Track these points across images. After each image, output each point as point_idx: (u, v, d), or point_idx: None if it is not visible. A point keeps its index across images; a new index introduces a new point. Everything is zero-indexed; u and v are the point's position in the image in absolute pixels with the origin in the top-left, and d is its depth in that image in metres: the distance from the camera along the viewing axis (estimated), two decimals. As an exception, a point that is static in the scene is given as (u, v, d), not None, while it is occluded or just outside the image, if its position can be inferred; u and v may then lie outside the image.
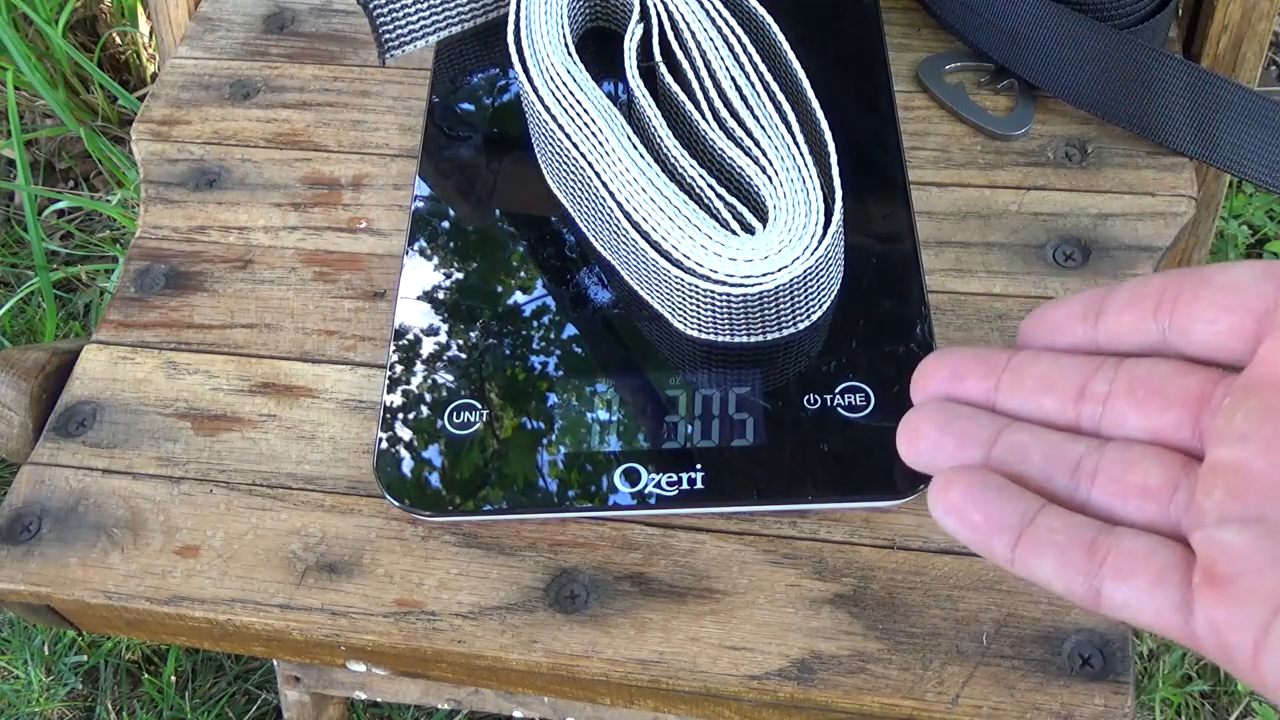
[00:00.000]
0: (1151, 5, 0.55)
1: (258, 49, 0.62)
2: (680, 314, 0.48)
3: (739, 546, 0.44)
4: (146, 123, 0.59)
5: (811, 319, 0.48)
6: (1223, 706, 0.89)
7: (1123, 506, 0.26)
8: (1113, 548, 0.24)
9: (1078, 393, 0.27)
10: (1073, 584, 0.25)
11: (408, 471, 0.46)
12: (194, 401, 0.50)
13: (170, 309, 0.53)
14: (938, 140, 0.55)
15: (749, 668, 0.42)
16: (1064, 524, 0.25)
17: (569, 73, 0.51)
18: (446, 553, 0.45)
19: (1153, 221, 0.52)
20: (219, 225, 0.55)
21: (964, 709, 0.41)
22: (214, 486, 0.47)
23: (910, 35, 0.59)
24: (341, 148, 0.58)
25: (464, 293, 0.50)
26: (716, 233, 0.47)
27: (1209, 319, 0.26)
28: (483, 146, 0.55)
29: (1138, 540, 0.25)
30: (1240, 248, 1.10)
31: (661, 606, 0.43)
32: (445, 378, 0.48)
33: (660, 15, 0.53)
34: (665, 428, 0.46)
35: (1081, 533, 0.25)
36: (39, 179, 1.19)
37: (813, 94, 0.50)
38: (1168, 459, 0.26)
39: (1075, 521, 0.25)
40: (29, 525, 0.46)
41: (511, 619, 0.43)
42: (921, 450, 0.28)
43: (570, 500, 0.45)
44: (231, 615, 0.44)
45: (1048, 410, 0.27)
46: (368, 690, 0.74)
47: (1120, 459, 0.26)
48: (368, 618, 0.44)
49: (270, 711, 0.92)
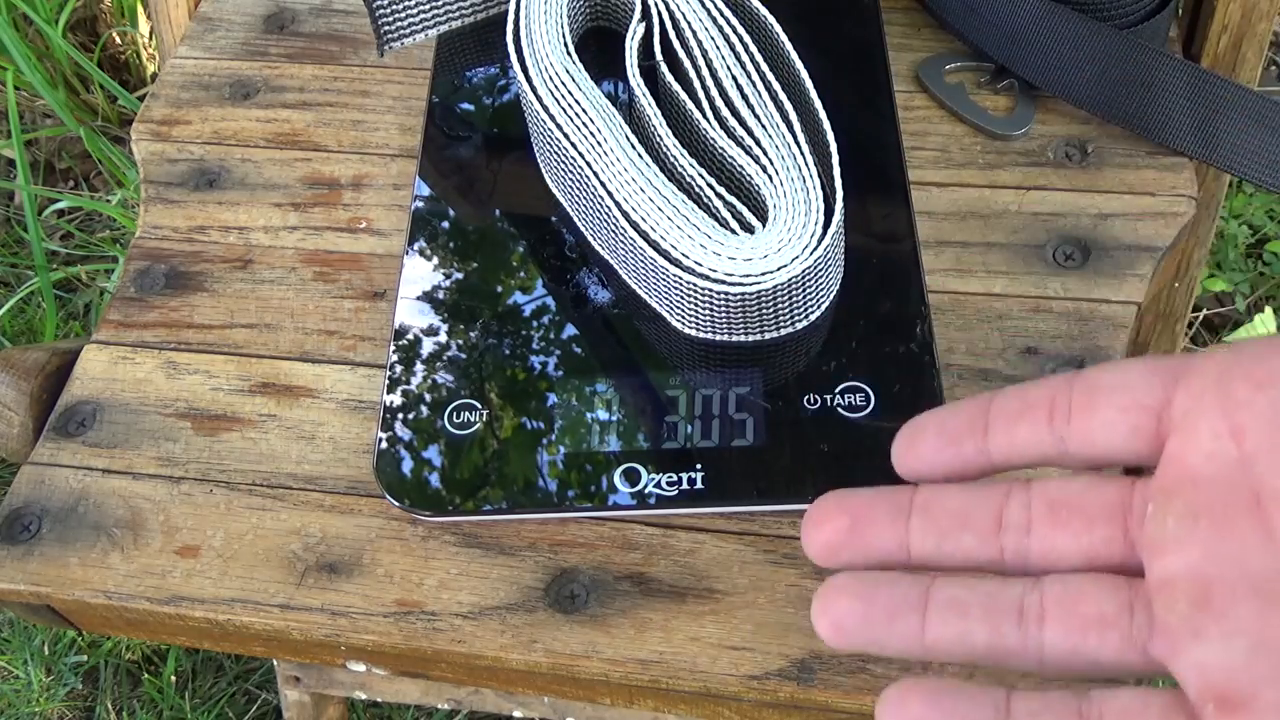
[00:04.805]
0: (1151, 5, 0.55)
1: (258, 49, 0.62)
2: (680, 313, 0.48)
3: (739, 546, 0.44)
4: (146, 123, 0.59)
5: (811, 319, 0.48)
6: (1223, 706, 0.89)
7: (1083, 642, 0.24)
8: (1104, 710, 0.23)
9: (995, 523, 0.26)
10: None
11: (408, 471, 0.46)
12: (194, 401, 0.50)
13: (170, 309, 0.53)
14: (938, 140, 0.55)
15: (749, 668, 0.42)
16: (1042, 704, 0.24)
17: (568, 72, 0.51)
18: (446, 553, 0.45)
19: (1153, 221, 0.52)
20: (219, 225, 0.55)
21: (964, 709, 0.41)
22: (214, 486, 0.47)
23: (910, 35, 0.59)
24: (341, 148, 0.58)
25: (464, 293, 0.50)
26: (716, 232, 0.47)
27: (1108, 422, 0.25)
28: (483, 146, 0.55)
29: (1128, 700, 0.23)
30: (1240, 248, 1.10)
31: (661, 606, 0.43)
32: (445, 378, 0.48)
33: (662, 14, 0.53)
34: (665, 427, 0.46)
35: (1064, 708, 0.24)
36: (39, 179, 1.19)
37: (815, 93, 0.50)
38: (1110, 581, 0.25)
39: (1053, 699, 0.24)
40: (29, 525, 0.46)
41: (511, 619, 0.43)
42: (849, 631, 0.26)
43: (570, 500, 0.45)
44: (231, 615, 0.44)
45: (968, 548, 0.26)
46: (368, 690, 0.74)
47: (1064, 592, 0.25)
48: (368, 618, 0.44)
49: (270, 711, 0.92)
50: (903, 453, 0.28)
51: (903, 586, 0.26)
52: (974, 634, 0.25)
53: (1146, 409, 0.25)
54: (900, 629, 0.25)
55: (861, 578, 0.26)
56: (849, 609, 0.26)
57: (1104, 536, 0.25)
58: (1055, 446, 0.26)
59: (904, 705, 0.24)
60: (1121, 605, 0.24)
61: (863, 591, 0.26)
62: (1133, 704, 0.23)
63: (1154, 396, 0.25)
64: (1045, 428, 0.26)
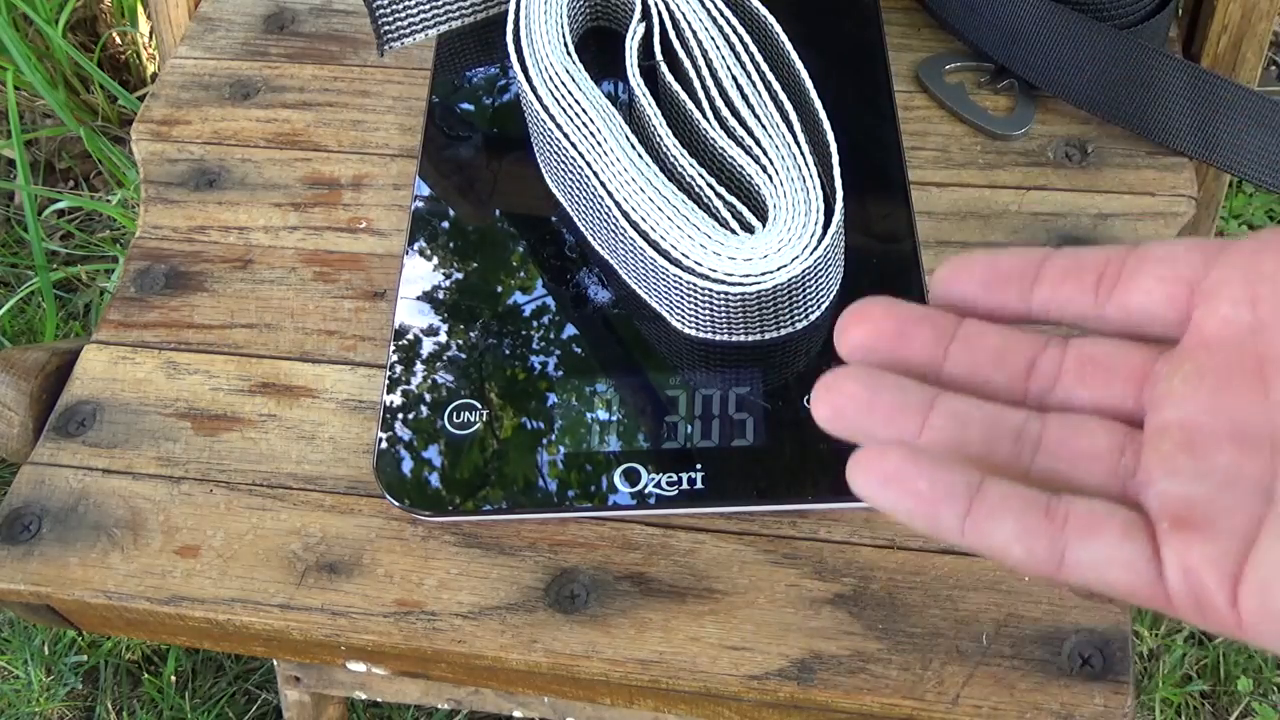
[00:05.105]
0: (1151, 5, 0.55)
1: (258, 49, 0.62)
2: (680, 313, 0.48)
3: (739, 546, 0.44)
4: (146, 123, 0.59)
5: (811, 319, 0.48)
6: (1222, 706, 0.89)
7: (1070, 470, 0.25)
8: (1070, 510, 0.24)
9: (1026, 370, 0.27)
10: (1034, 549, 0.24)
11: (408, 471, 0.46)
12: (194, 401, 0.50)
13: (170, 309, 0.53)
14: (938, 140, 0.55)
15: (749, 668, 0.42)
16: (1015, 490, 0.24)
17: (568, 73, 0.51)
18: (446, 553, 0.45)
19: (1153, 221, 0.52)
20: (219, 225, 0.55)
21: (964, 709, 0.41)
22: (214, 486, 0.47)
23: (910, 35, 0.59)
24: (341, 148, 0.58)
25: (464, 293, 0.50)
26: (716, 232, 0.47)
27: (1146, 290, 0.26)
28: (482, 146, 0.55)
29: (1094, 503, 0.24)
30: (1240, 248, 1.10)
31: (661, 606, 0.43)
32: (445, 378, 0.48)
33: (662, 14, 0.53)
34: (665, 427, 0.46)
35: (1035, 498, 0.24)
36: (39, 179, 1.19)
37: (815, 93, 0.50)
38: (1111, 426, 0.26)
39: (1024, 489, 0.24)
40: (29, 525, 0.46)
41: (511, 619, 0.43)
42: (846, 412, 0.26)
43: (570, 500, 0.45)
44: (231, 615, 0.44)
45: (996, 386, 0.27)
46: (368, 690, 0.74)
47: (1064, 425, 0.26)
48: (368, 618, 0.44)
49: (270, 711, 0.92)
50: (947, 279, 0.28)
51: (911, 389, 0.26)
52: (969, 444, 0.25)
53: (1184, 281, 0.26)
54: (898, 425, 0.26)
55: (872, 372, 0.27)
56: (854, 395, 0.26)
57: (1120, 394, 0.26)
58: (1094, 310, 0.27)
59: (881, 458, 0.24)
60: (1115, 446, 0.25)
61: (872, 383, 0.26)
62: (1100, 509, 0.24)
63: (1193, 270, 0.26)
64: (1090, 291, 0.27)
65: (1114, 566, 0.23)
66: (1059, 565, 0.24)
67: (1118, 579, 0.23)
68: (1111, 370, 0.26)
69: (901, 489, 0.24)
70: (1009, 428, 0.26)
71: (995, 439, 0.26)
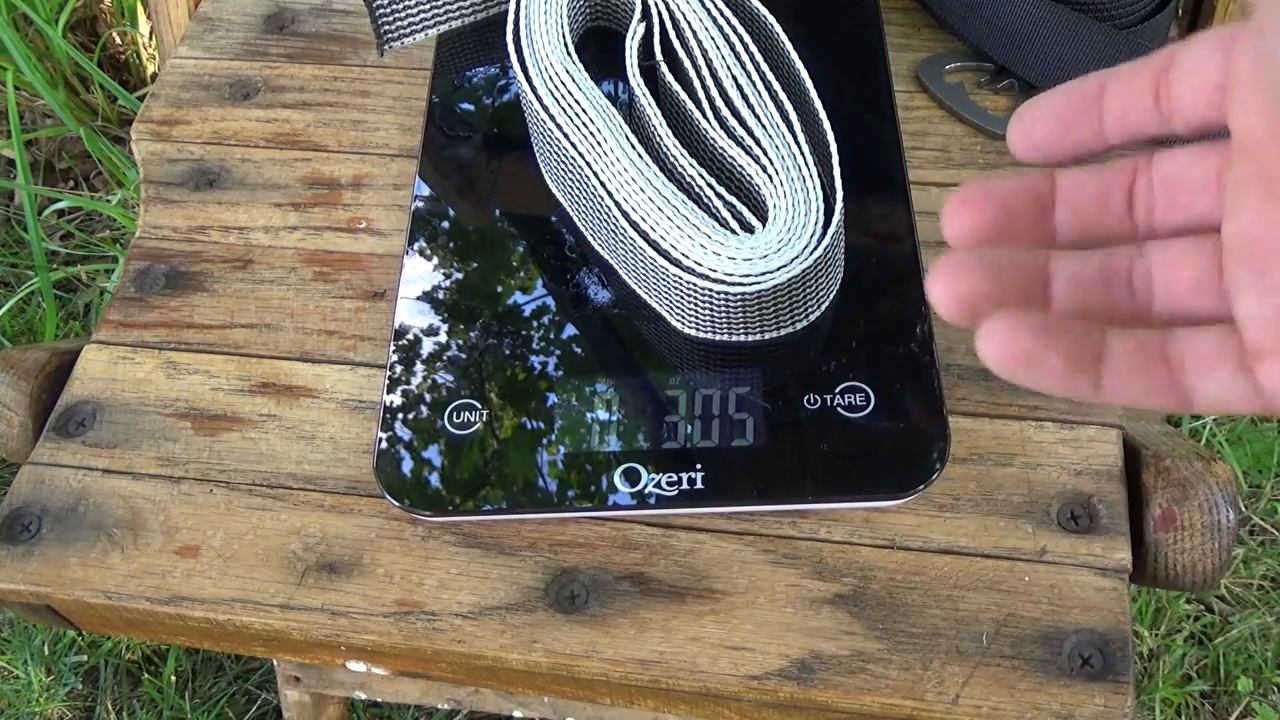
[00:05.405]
0: (1151, 5, 0.55)
1: (258, 49, 0.62)
2: (680, 313, 0.48)
3: (739, 546, 0.44)
4: (146, 123, 0.59)
5: (811, 319, 0.48)
6: (1222, 706, 0.89)
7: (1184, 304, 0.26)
8: (1186, 352, 0.25)
9: (1128, 202, 0.27)
10: (1164, 402, 0.26)
11: (408, 471, 0.46)
12: (194, 401, 0.50)
13: (170, 309, 0.53)
14: (938, 140, 0.55)
15: (749, 668, 0.42)
16: (1138, 345, 0.26)
17: (567, 72, 0.51)
18: (446, 553, 0.45)
19: (1153, 221, 0.52)
20: (219, 225, 0.55)
21: (964, 709, 0.41)
22: (214, 486, 0.47)
23: (910, 35, 0.59)
24: (341, 148, 0.58)
25: (464, 293, 0.50)
26: (716, 232, 0.47)
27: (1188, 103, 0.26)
28: (483, 146, 0.55)
29: (1207, 338, 0.25)
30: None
31: (661, 606, 0.43)
32: (445, 378, 0.48)
33: (662, 14, 0.53)
34: (665, 427, 0.46)
35: (1155, 347, 0.26)
36: (39, 179, 1.19)
37: (815, 93, 0.50)
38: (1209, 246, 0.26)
39: (1144, 338, 0.26)
40: (29, 525, 0.46)
41: (511, 619, 0.43)
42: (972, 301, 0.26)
43: (570, 500, 0.45)
44: (231, 615, 0.44)
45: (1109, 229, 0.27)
46: (368, 690, 0.74)
47: (1168, 259, 0.27)
48: (368, 618, 0.44)
49: (270, 711, 0.92)
50: (1022, 138, 0.28)
51: (1026, 265, 0.27)
52: (1092, 307, 0.27)
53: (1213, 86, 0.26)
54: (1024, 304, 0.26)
55: (983, 253, 0.27)
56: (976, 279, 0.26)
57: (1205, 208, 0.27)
58: (1162, 126, 0.27)
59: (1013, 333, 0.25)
60: (1214, 266, 0.26)
61: (990, 264, 0.26)
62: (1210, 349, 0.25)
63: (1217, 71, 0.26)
64: (1152, 107, 0.27)
65: (1232, 398, 0.25)
66: (1187, 405, 0.26)
67: (1237, 406, 0.26)
68: (1191, 186, 0.27)
69: (1037, 369, 0.25)
70: (1120, 275, 0.27)
71: (1113, 294, 0.27)
